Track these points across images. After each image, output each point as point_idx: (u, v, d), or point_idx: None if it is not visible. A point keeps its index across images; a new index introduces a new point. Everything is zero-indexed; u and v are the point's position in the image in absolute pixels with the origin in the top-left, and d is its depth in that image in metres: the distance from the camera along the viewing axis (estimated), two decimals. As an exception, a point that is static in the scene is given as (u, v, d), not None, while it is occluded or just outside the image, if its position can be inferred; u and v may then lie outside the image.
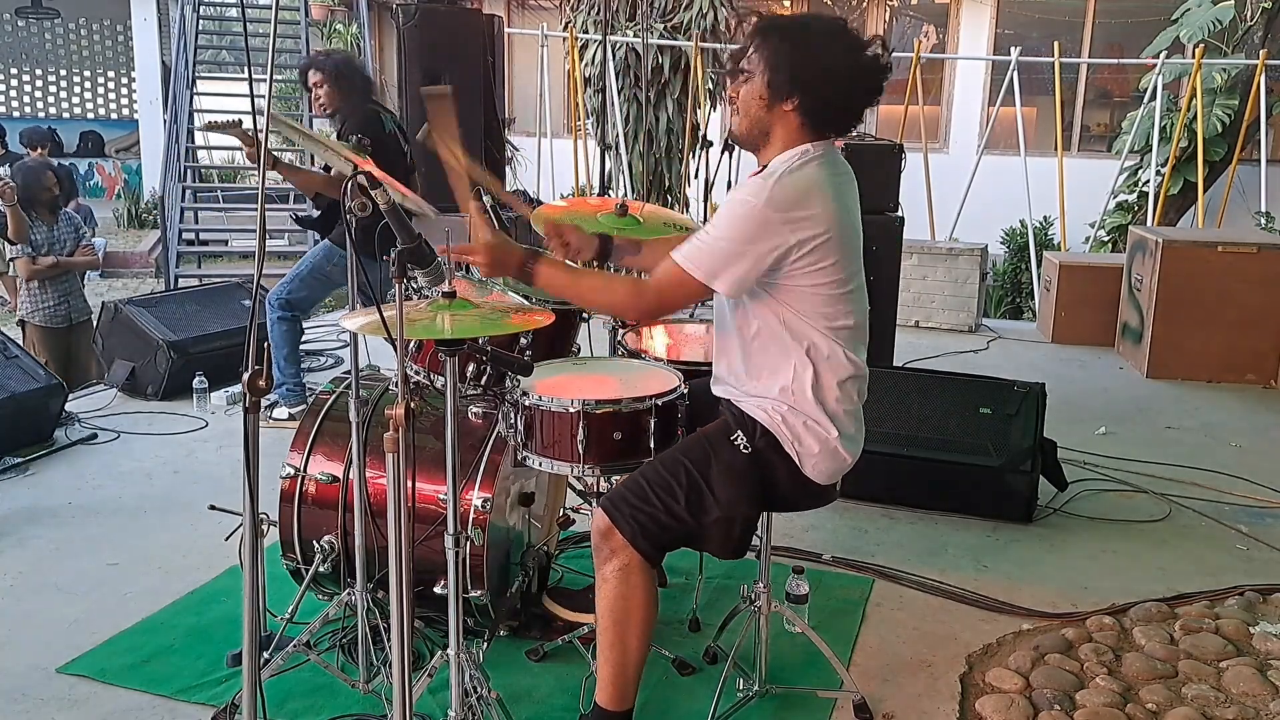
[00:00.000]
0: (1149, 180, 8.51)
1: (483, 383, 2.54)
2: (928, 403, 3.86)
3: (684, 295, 2.17)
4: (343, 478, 2.66)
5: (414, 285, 2.37)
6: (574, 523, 3.12)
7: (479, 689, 2.22)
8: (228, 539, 2.72)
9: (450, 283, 2.06)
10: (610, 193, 8.58)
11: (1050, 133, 8.88)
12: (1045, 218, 9.59)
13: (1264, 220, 8.69)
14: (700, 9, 8.82)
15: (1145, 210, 8.68)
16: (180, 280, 9.53)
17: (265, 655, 2.49)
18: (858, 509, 3.82)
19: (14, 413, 4.23)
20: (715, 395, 2.33)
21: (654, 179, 8.97)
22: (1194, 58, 7.72)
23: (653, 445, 2.32)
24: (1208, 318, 5.82)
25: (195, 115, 10.68)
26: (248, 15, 11.99)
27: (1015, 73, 8.13)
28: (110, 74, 16.09)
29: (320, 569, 2.66)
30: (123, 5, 14.22)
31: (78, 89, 16.05)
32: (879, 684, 2.71)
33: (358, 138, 2.15)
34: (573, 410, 2.30)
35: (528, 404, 2.35)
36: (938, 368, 5.38)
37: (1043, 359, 6.39)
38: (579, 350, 2.94)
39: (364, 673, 2.52)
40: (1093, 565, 3.48)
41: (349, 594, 2.55)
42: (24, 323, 5.68)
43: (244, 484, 1.71)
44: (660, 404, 2.34)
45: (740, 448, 2.18)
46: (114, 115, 16.16)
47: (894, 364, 4.79)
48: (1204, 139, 7.79)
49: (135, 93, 15.12)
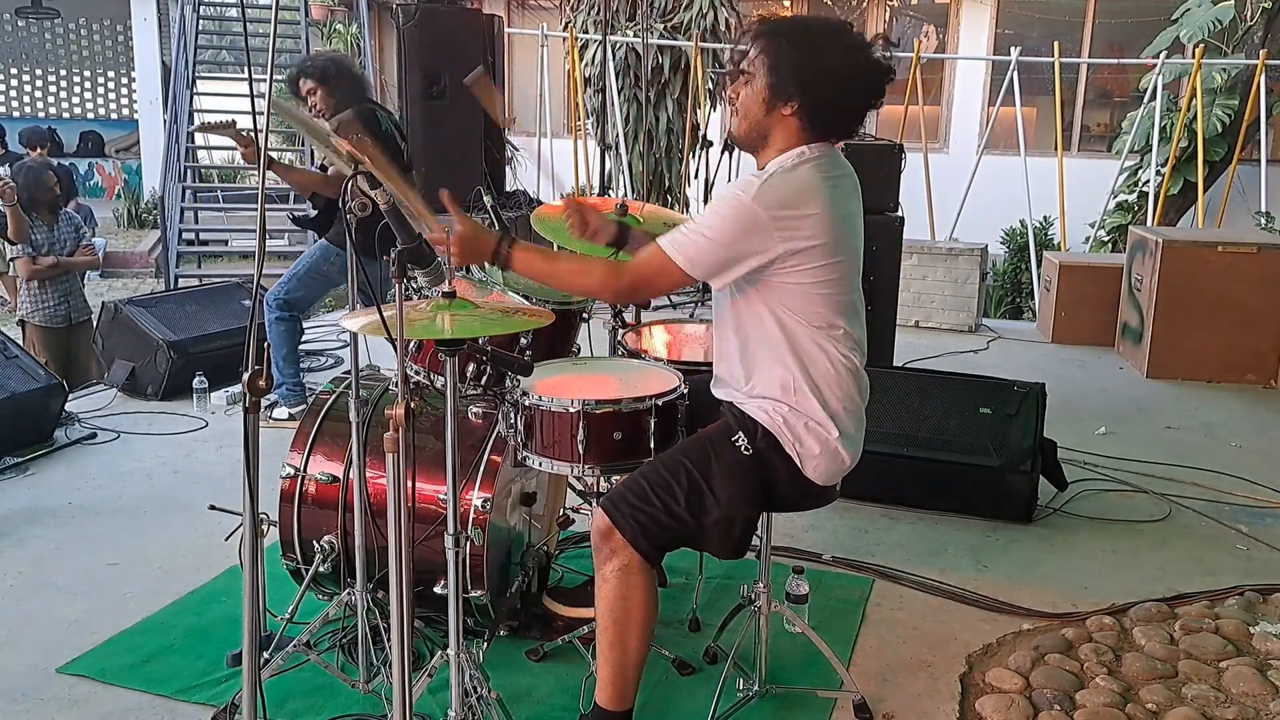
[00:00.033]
0: (1149, 180, 8.51)
1: (483, 383, 2.54)
2: (928, 403, 3.86)
3: (664, 281, 2.17)
4: (343, 478, 2.66)
5: (414, 285, 2.37)
6: (574, 523, 3.12)
7: (479, 689, 2.22)
8: (228, 539, 2.72)
9: (450, 283, 2.06)
10: (610, 193, 8.58)
11: (1050, 133, 8.88)
12: (1045, 218, 9.59)
13: (1264, 220, 8.69)
14: (700, 9, 8.82)
15: (1145, 210, 8.68)
16: (180, 280, 9.54)
17: (265, 655, 2.48)
18: (858, 509, 3.82)
19: (14, 413, 4.23)
20: (717, 397, 2.33)
21: (654, 179, 8.97)
22: (1194, 58, 7.72)
23: (653, 445, 2.33)
24: (1208, 318, 5.82)
25: (195, 115, 10.69)
26: (248, 15, 12.00)
27: (1015, 73, 8.13)
28: (110, 74, 16.09)
29: (320, 569, 2.66)
30: (123, 5, 14.22)
31: (78, 89, 16.05)
32: (879, 684, 2.71)
33: (358, 137, 2.14)
34: (573, 410, 2.30)
35: (528, 404, 2.35)
36: (938, 368, 5.38)
37: (1043, 359, 6.38)
38: (579, 350, 2.94)
39: (364, 673, 2.52)
40: (1093, 565, 3.48)
41: (349, 594, 2.55)
42: (24, 323, 5.68)
43: (244, 484, 1.71)
44: (660, 404, 2.34)
45: (741, 449, 2.18)
46: (114, 115, 16.16)
47: (894, 364, 4.79)
48: (1204, 139, 7.79)
49: (135, 93, 15.12)
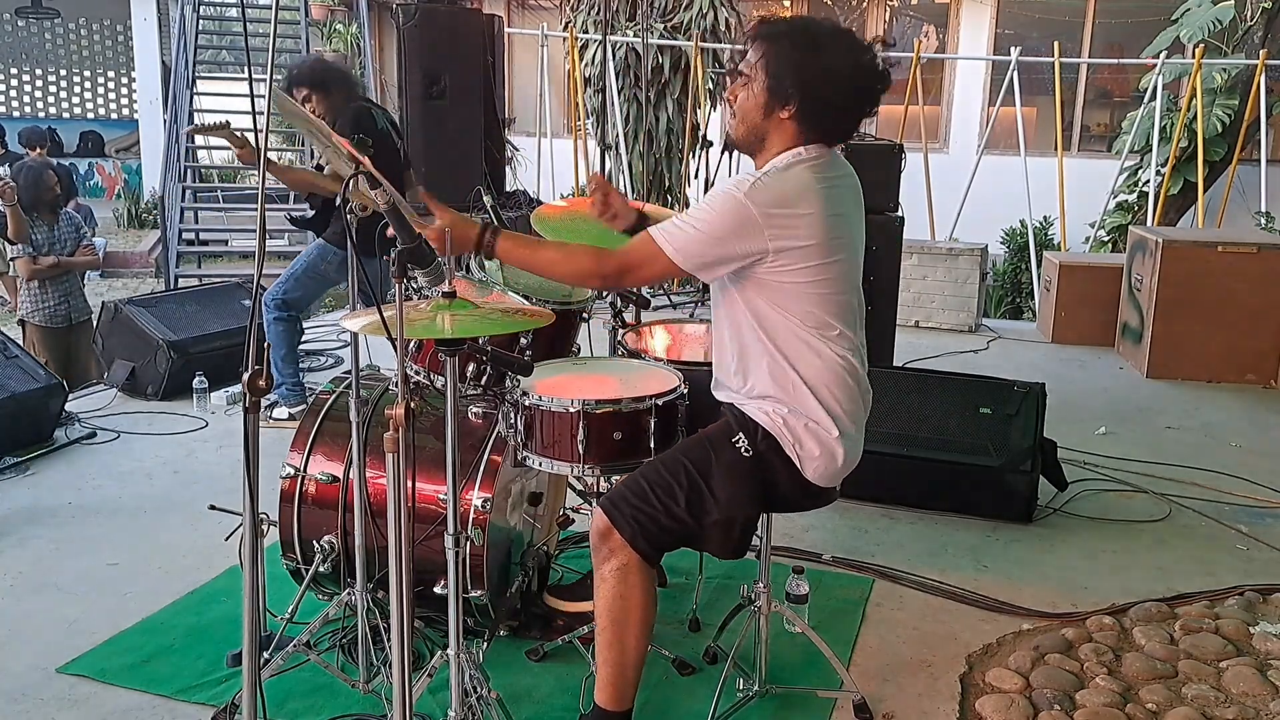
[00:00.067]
0: (1149, 180, 8.51)
1: (483, 383, 2.54)
2: (928, 403, 3.86)
3: (651, 269, 2.17)
4: (343, 478, 2.66)
5: (414, 285, 2.37)
6: (574, 522, 3.12)
7: (479, 689, 2.22)
8: (228, 539, 2.72)
9: (450, 283, 2.06)
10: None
11: (1050, 133, 8.88)
12: (1045, 218, 9.59)
13: (1264, 220, 8.69)
14: (700, 9, 8.81)
15: (1145, 210, 8.68)
16: (180, 280, 9.54)
17: (265, 655, 2.48)
18: (858, 509, 3.82)
19: (14, 412, 4.23)
20: (717, 399, 2.33)
21: (654, 179, 8.95)
22: (1194, 58, 7.72)
23: (653, 445, 2.33)
24: (1208, 318, 5.82)
25: (195, 115, 10.69)
26: (248, 15, 12.00)
27: (1015, 73, 8.13)
28: (110, 74, 16.09)
29: (320, 569, 2.66)
30: (123, 5, 14.22)
31: (78, 89, 16.05)
32: (879, 684, 2.71)
33: (359, 136, 2.14)
34: (573, 410, 2.30)
35: (528, 404, 2.35)
36: (938, 368, 5.38)
37: (1043, 359, 6.38)
38: (579, 350, 2.94)
39: (364, 673, 2.52)
40: (1093, 565, 3.48)
41: (349, 594, 2.55)
42: (24, 322, 5.69)
43: (244, 484, 1.71)
44: (660, 404, 2.34)
45: (741, 450, 2.18)
46: (114, 115, 16.16)
47: (894, 364, 4.79)
48: (1204, 139, 7.79)
49: (135, 93, 15.12)
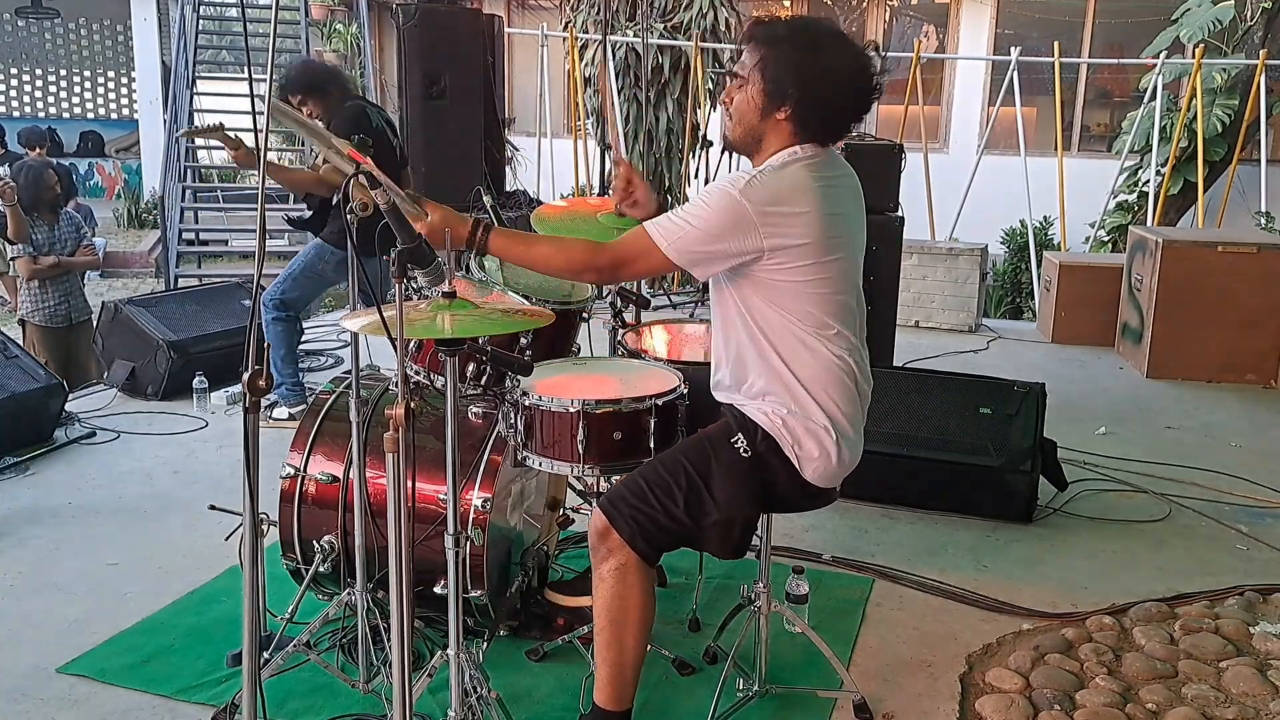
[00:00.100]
0: (1149, 180, 8.51)
1: (483, 383, 2.53)
2: (928, 403, 3.86)
3: (645, 263, 2.17)
4: (343, 478, 2.66)
5: (414, 285, 2.37)
6: (574, 522, 3.12)
7: (479, 689, 2.22)
8: (228, 539, 2.72)
9: (450, 283, 2.06)
10: (610, 193, 8.55)
11: (1050, 133, 8.88)
12: (1045, 218, 9.59)
13: (1264, 220, 8.69)
14: (700, 9, 8.81)
15: (1145, 210, 8.68)
16: (180, 280, 9.54)
17: (265, 655, 2.48)
18: (858, 509, 3.82)
19: (14, 412, 4.23)
20: (717, 400, 2.32)
21: (654, 179, 8.95)
22: (1194, 58, 7.72)
23: (653, 445, 2.32)
24: (1208, 318, 5.82)
25: (195, 115, 10.69)
26: (248, 15, 12.00)
27: (1015, 73, 8.12)
28: (110, 74, 16.10)
29: (320, 569, 2.66)
30: (123, 5, 14.22)
31: (77, 89, 16.05)
32: (879, 684, 2.71)
33: (359, 136, 2.14)
34: (573, 410, 2.30)
35: (528, 404, 2.35)
36: (938, 368, 5.38)
37: (1043, 359, 6.38)
38: (579, 350, 2.94)
39: (364, 673, 2.52)
40: (1093, 565, 3.48)
41: (349, 594, 2.55)
42: (24, 322, 5.69)
43: (244, 484, 1.71)
44: (660, 404, 2.34)
45: (741, 451, 2.18)
46: (114, 115, 16.16)
47: (894, 364, 4.79)
48: (1204, 139, 7.79)
49: (135, 93, 15.12)
